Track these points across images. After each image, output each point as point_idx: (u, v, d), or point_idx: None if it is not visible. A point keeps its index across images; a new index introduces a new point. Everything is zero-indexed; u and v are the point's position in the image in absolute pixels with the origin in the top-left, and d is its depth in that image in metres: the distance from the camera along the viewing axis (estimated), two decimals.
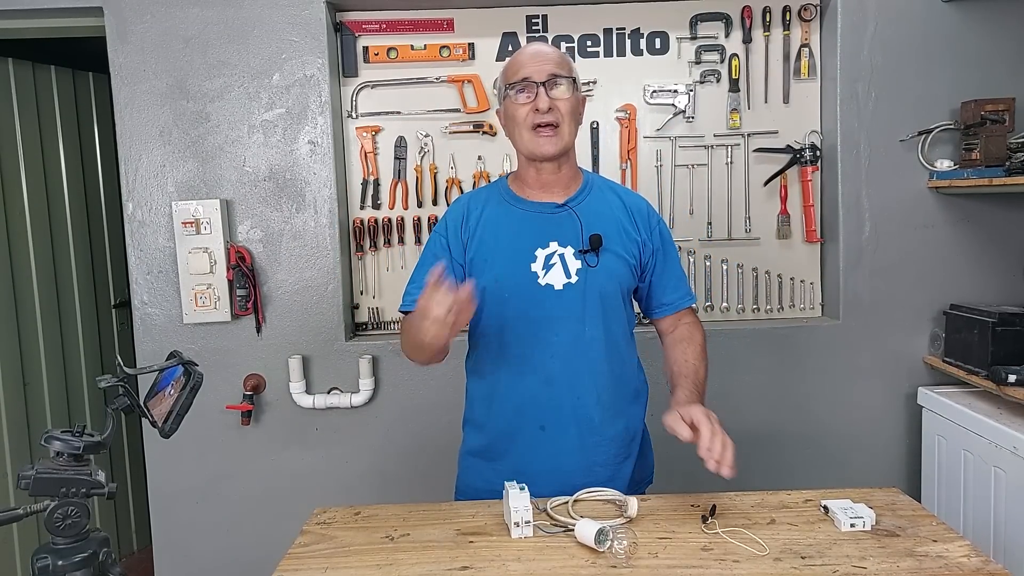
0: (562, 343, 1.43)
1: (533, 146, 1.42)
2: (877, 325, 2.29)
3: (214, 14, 2.21)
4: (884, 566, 1.11)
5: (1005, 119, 2.11)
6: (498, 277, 1.44)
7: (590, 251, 1.42)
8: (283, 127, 2.25)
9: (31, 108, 2.77)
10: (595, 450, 1.46)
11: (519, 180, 1.51)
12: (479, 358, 1.53)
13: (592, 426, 1.45)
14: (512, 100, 1.42)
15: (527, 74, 1.40)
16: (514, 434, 1.47)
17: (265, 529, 2.30)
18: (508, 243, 1.45)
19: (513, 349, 1.45)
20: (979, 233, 2.28)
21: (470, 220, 1.48)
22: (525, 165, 1.48)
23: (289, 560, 1.20)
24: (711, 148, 2.35)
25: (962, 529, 2.02)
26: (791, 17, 2.32)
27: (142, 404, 1.06)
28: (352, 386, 2.29)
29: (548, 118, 1.39)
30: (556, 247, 1.43)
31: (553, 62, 1.41)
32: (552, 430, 1.45)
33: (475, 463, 1.54)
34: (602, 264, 1.43)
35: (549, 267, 1.43)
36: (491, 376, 1.50)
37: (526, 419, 1.46)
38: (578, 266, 1.42)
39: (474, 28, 2.32)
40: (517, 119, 1.42)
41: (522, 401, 1.45)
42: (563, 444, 1.45)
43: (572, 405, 1.44)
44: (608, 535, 1.15)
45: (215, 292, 2.23)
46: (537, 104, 1.39)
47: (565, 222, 1.45)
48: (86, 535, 0.98)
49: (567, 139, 1.43)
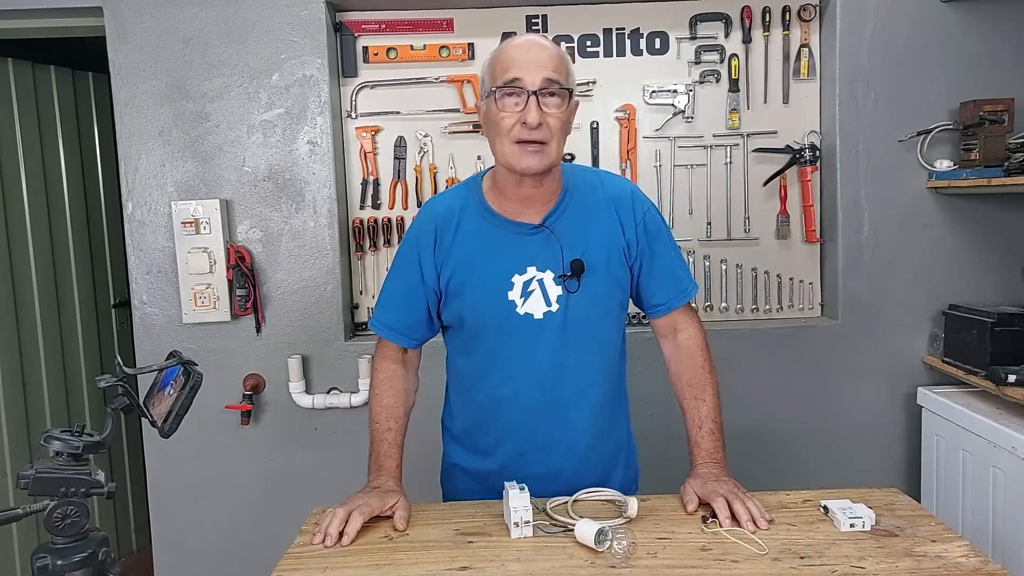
0: (545, 375, 1.35)
1: (514, 160, 1.26)
2: (876, 325, 2.30)
3: (213, 14, 2.21)
4: (883, 566, 1.11)
5: (1004, 119, 2.11)
6: (474, 306, 1.35)
7: (571, 276, 1.32)
8: (283, 127, 2.25)
9: (31, 108, 2.77)
10: (582, 470, 1.42)
11: (496, 188, 1.36)
12: (459, 382, 1.48)
13: (578, 453, 1.41)
14: (497, 104, 1.25)
15: (518, 75, 1.23)
16: (491, 457, 1.44)
17: (265, 529, 2.30)
18: (484, 268, 1.34)
19: (493, 380, 1.38)
20: (978, 233, 2.28)
21: (443, 240, 1.36)
22: (503, 174, 1.33)
23: (288, 560, 1.20)
24: (710, 148, 2.35)
25: (961, 529, 2.02)
26: (791, 17, 2.32)
27: (142, 404, 1.07)
28: (351, 386, 2.29)
29: (536, 135, 1.23)
30: (534, 272, 1.32)
31: (550, 65, 1.24)
32: (533, 456, 1.40)
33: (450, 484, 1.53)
34: (584, 288, 1.33)
35: (527, 294, 1.32)
36: (468, 407, 1.46)
37: (505, 447, 1.41)
38: (558, 292, 1.32)
39: (474, 28, 2.32)
40: (500, 128, 1.25)
41: (501, 431, 1.41)
42: (548, 468, 1.40)
43: (558, 435, 1.39)
44: (608, 535, 1.15)
45: (215, 292, 2.23)
46: (526, 117, 1.22)
47: (545, 244, 1.33)
48: (85, 535, 0.98)
49: (554, 157, 1.27)
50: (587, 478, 1.41)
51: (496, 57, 1.29)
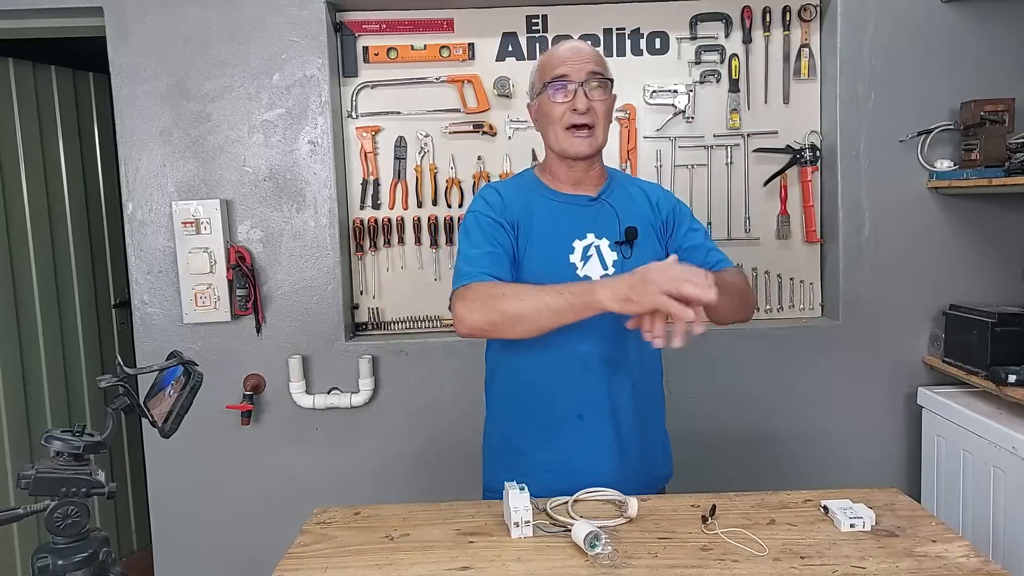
0: (602, 331, 1.40)
1: (567, 145, 1.42)
2: (877, 325, 2.30)
3: (214, 14, 2.21)
4: (883, 566, 1.11)
5: (1005, 119, 2.11)
6: (536, 269, 1.42)
7: (625, 243, 1.43)
8: (283, 127, 2.26)
9: (31, 108, 2.77)
10: (628, 440, 1.46)
11: (548, 174, 1.51)
12: (517, 351, 1.47)
13: (626, 415, 1.45)
14: (548, 97, 1.42)
15: (566, 71, 1.40)
16: (550, 423, 1.45)
17: (265, 529, 2.30)
18: (545, 234, 1.44)
19: (554, 339, 1.36)
20: (979, 233, 2.28)
21: (508, 205, 1.45)
22: (556, 161, 1.48)
23: (289, 560, 1.20)
24: (711, 148, 2.35)
25: (961, 529, 2.02)
26: (791, 17, 2.32)
27: (142, 404, 1.06)
28: (352, 386, 2.29)
29: (585, 119, 1.40)
30: (593, 239, 1.44)
31: (592, 61, 1.42)
32: (590, 418, 1.44)
33: (505, 458, 1.51)
34: (637, 256, 1.43)
35: (587, 258, 1.43)
36: (530, 368, 1.46)
37: (565, 407, 1.44)
38: (614, 258, 1.44)
39: (474, 28, 2.32)
40: (552, 117, 1.42)
41: (562, 389, 1.44)
42: (600, 433, 1.44)
43: (609, 393, 1.44)
44: (600, 539, 1.14)
45: (215, 292, 2.24)
46: (575, 104, 1.39)
47: (600, 214, 1.46)
48: (86, 535, 0.98)
49: (601, 140, 1.44)
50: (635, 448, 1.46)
51: (544, 60, 1.47)
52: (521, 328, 1.29)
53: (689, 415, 2.27)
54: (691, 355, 2.26)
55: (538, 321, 1.27)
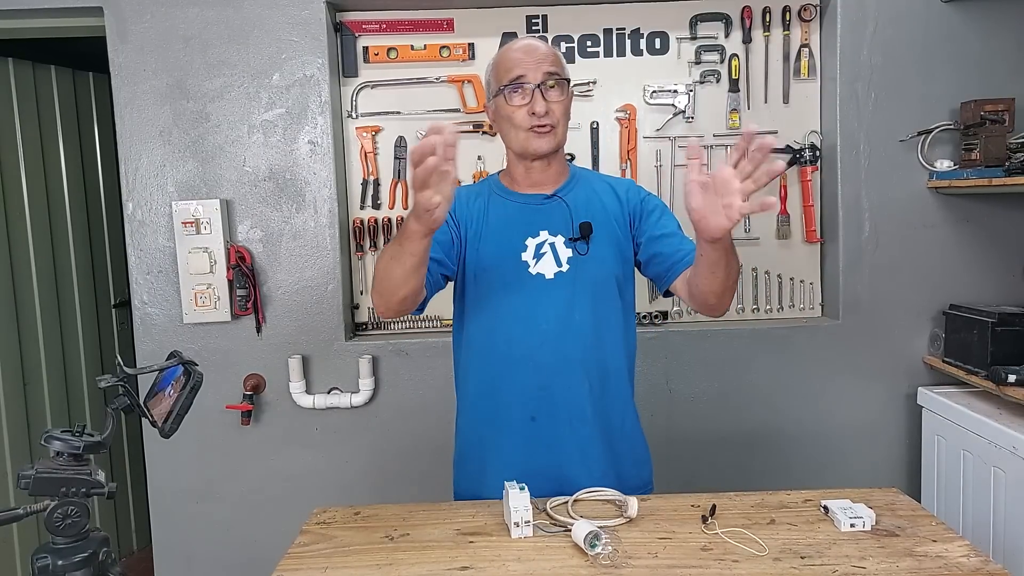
0: (551, 331, 1.42)
1: (528, 144, 1.42)
2: (877, 325, 2.29)
3: (214, 14, 2.21)
4: (883, 566, 1.11)
5: (1005, 119, 2.11)
6: (488, 267, 1.44)
7: (580, 239, 1.43)
8: (283, 127, 2.25)
9: (31, 108, 2.77)
10: (590, 443, 1.44)
11: (509, 176, 1.52)
12: (468, 352, 1.50)
13: (584, 417, 1.43)
14: (506, 101, 1.42)
15: (522, 73, 1.39)
16: (504, 427, 1.45)
17: (265, 529, 2.30)
18: (498, 233, 1.46)
19: (502, 339, 1.44)
20: (979, 233, 2.28)
21: (461, 205, 1.48)
22: (515, 162, 1.49)
23: (289, 560, 1.20)
24: (711, 148, 2.35)
25: (961, 529, 2.02)
26: (791, 17, 2.32)
27: (142, 404, 1.06)
28: (352, 386, 2.29)
29: (545, 121, 1.40)
30: (547, 236, 1.44)
31: (548, 60, 1.41)
32: (543, 420, 1.43)
33: (466, 468, 1.52)
34: (593, 252, 1.43)
35: (540, 256, 1.44)
36: (480, 370, 1.48)
37: (516, 410, 1.44)
38: (569, 254, 1.43)
39: (474, 28, 2.32)
40: (513, 121, 1.42)
41: (513, 392, 1.43)
42: (556, 436, 1.43)
43: (563, 395, 1.42)
44: (600, 539, 1.14)
45: (215, 292, 2.24)
46: (534, 107, 1.39)
47: (555, 211, 1.46)
48: (86, 535, 0.98)
49: (560, 137, 1.44)
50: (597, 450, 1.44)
51: (498, 61, 1.45)
52: (388, 287, 1.28)
53: (689, 415, 2.27)
54: (691, 355, 2.27)
55: (388, 273, 1.27)
